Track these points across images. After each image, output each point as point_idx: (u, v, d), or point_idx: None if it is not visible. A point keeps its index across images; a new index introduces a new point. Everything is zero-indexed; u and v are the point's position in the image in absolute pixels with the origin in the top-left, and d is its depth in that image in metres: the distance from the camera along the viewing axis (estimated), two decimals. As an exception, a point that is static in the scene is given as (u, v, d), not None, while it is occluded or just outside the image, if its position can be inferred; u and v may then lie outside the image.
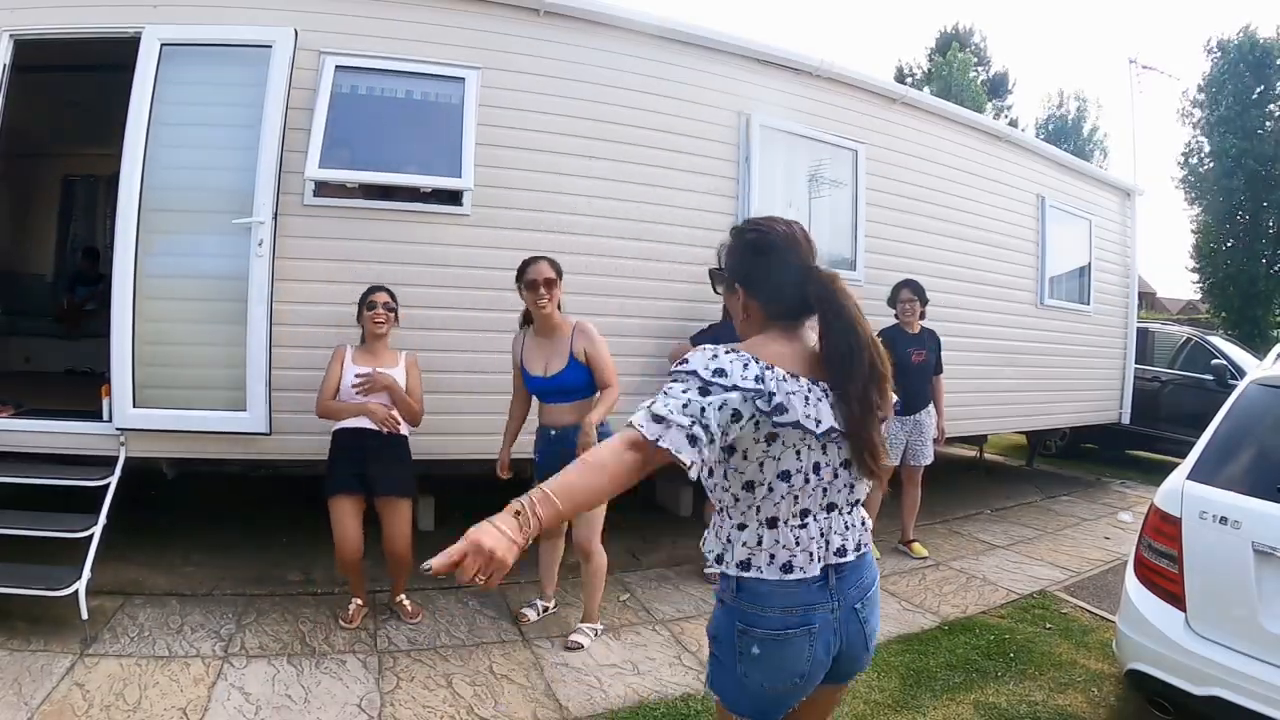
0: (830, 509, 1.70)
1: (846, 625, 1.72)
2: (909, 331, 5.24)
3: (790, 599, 1.65)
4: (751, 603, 1.66)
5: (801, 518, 1.66)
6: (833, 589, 1.69)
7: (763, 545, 1.66)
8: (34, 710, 2.83)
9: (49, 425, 3.95)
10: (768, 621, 1.65)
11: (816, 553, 1.67)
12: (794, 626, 1.65)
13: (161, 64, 3.95)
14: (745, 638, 1.66)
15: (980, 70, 30.42)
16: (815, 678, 1.71)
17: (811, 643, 1.66)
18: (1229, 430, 3.00)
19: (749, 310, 1.77)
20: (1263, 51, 18.12)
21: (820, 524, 1.69)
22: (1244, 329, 17.64)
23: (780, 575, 1.65)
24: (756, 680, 1.68)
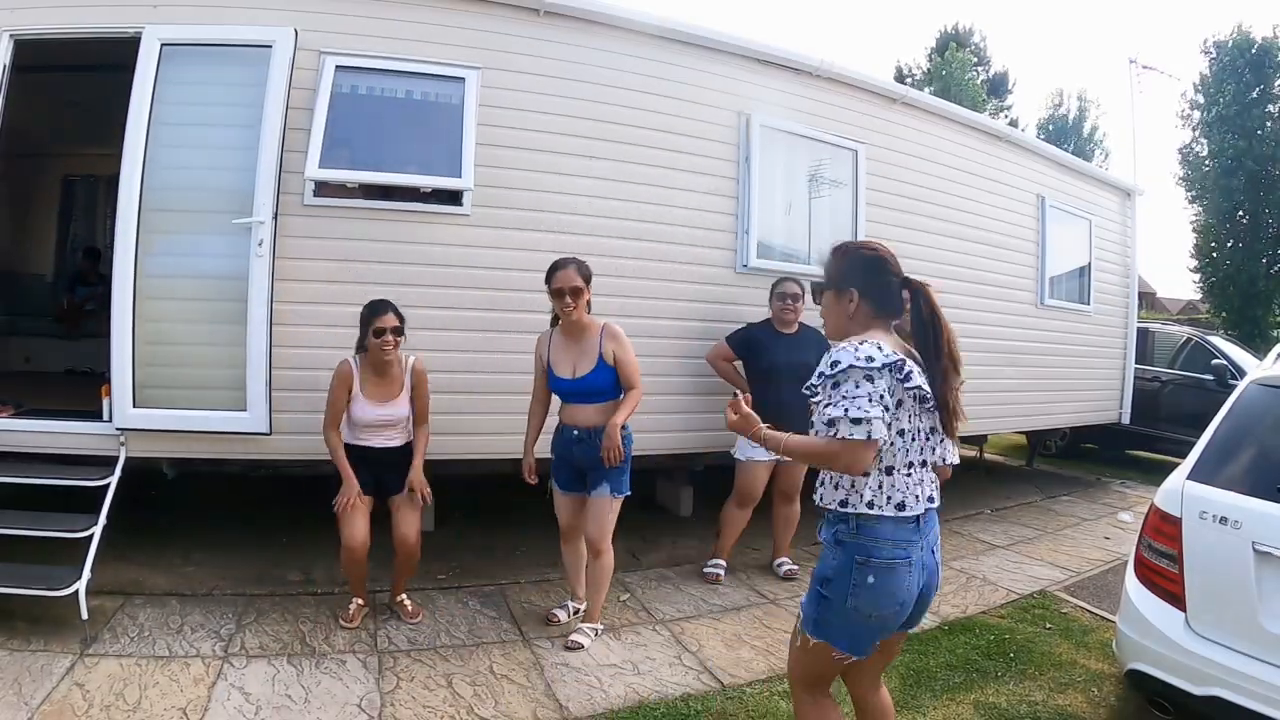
0: (924, 464, 2.14)
1: (929, 564, 2.18)
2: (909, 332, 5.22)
3: (898, 534, 2.07)
4: (870, 535, 2.06)
5: (908, 469, 2.09)
6: (922, 530, 2.13)
7: (883, 489, 2.07)
8: (34, 710, 2.83)
9: (49, 425, 3.95)
10: (882, 552, 2.05)
11: (920, 496, 2.11)
12: (900, 558, 2.06)
13: (161, 64, 3.95)
14: (862, 569, 2.05)
15: (980, 70, 30.42)
16: (909, 609, 2.13)
17: (910, 573, 2.08)
18: (1229, 430, 3.00)
19: (858, 312, 2.19)
20: (1261, 51, 18.12)
21: (920, 473, 2.12)
22: (1244, 329, 17.64)
23: (895, 512, 2.06)
24: (865, 610, 2.06)
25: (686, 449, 5.10)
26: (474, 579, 4.44)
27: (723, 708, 3.21)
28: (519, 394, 4.01)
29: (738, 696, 3.30)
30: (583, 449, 3.65)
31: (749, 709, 3.20)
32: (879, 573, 2.05)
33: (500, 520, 5.39)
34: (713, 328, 4.87)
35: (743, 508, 4.69)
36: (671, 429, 4.93)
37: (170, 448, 4.04)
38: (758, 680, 3.46)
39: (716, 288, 5.11)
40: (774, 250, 5.44)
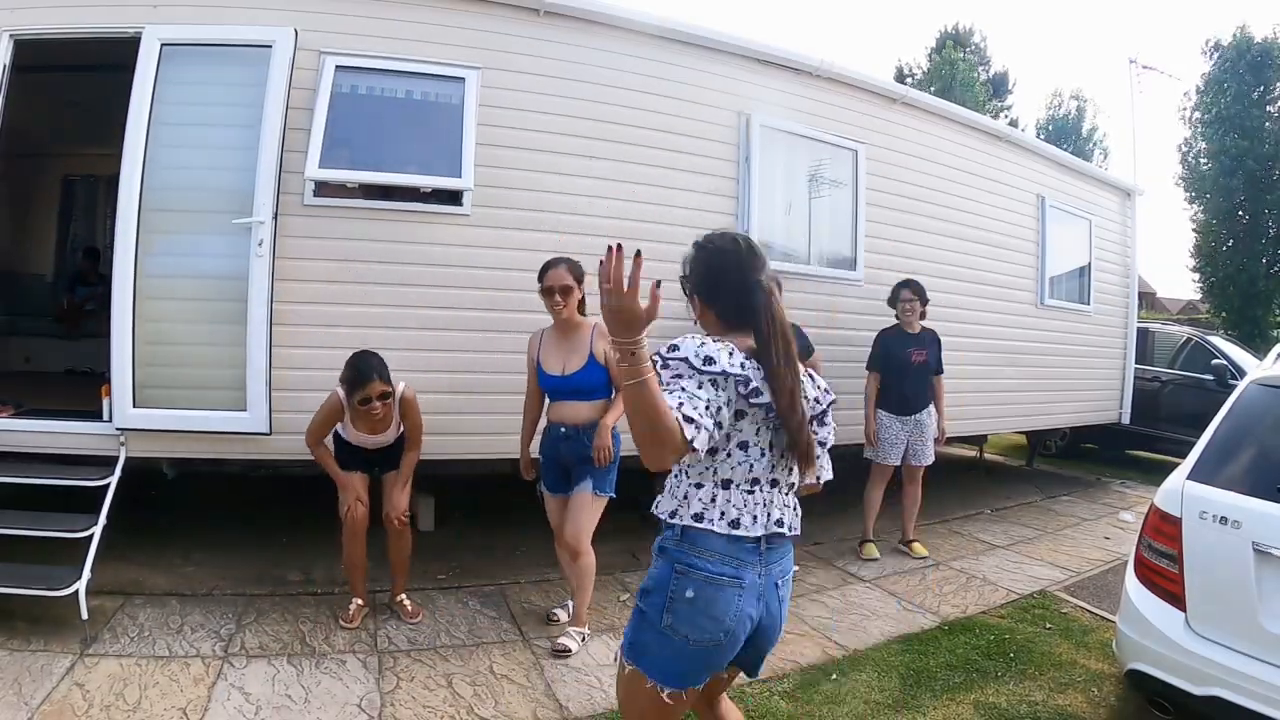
0: (774, 484, 1.89)
1: (768, 596, 1.87)
2: (909, 332, 5.24)
3: (730, 549, 1.81)
4: (695, 545, 1.82)
5: (751, 485, 1.85)
6: (763, 555, 1.85)
7: (715, 503, 1.83)
8: (34, 710, 2.83)
9: (49, 425, 3.95)
10: (706, 565, 1.80)
11: (762, 517, 1.84)
12: (728, 575, 1.80)
13: (161, 64, 3.95)
14: (681, 580, 1.80)
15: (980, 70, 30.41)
16: (736, 641, 1.82)
17: (740, 597, 1.80)
18: (1229, 430, 3.00)
19: (705, 317, 2.03)
20: (1261, 51, 18.12)
21: (767, 493, 1.87)
22: (1244, 329, 17.63)
23: (728, 530, 1.81)
24: (682, 630, 1.78)
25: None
26: (474, 579, 4.44)
27: (723, 708, 3.20)
28: (519, 394, 4.00)
29: (738, 696, 3.29)
30: (570, 446, 3.62)
31: (748, 708, 3.19)
32: (700, 587, 1.78)
33: (500, 520, 5.40)
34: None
35: None
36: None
37: (170, 448, 4.04)
38: (758, 679, 3.46)
39: (716, 288, 5.09)
40: (774, 250, 5.43)
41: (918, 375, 5.24)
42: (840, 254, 5.87)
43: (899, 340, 5.22)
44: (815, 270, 5.69)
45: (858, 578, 4.91)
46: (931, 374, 5.34)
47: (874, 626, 4.15)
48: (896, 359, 5.20)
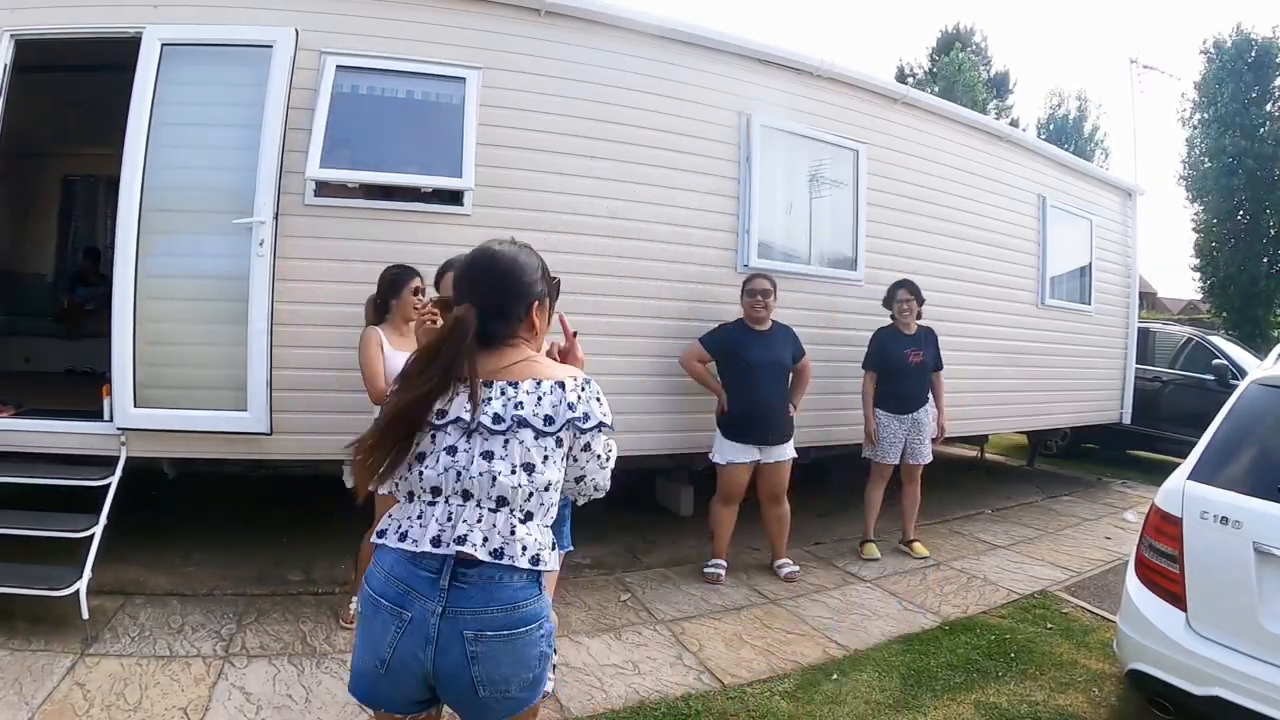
0: (466, 497, 1.62)
1: (447, 645, 1.57)
2: (905, 333, 5.24)
3: (398, 569, 1.61)
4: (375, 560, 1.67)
5: (433, 495, 1.64)
6: (444, 589, 1.58)
7: (393, 515, 1.68)
8: (35, 710, 2.83)
9: (50, 425, 3.95)
10: (372, 579, 1.64)
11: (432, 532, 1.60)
12: (389, 598, 1.60)
13: (162, 64, 3.95)
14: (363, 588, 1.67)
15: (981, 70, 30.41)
16: (406, 677, 1.60)
17: (399, 628, 1.58)
18: (1230, 430, 3.00)
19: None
20: (1261, 51, 18.11)
21: (450, 508, 1.62)
22: (1245, 329, 17.63)
23: (398, 544, 1.62)
24: (358, 648, 1.67)
25: (687, 449, 5.10)
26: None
27: (723, 707, 3.20)
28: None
29: (738, 696, 3.30)
30: None
31: (749, 709, 3.20)
32: (364, 603, 1.65)
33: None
34: (712, 328, 4.87)
35: (727, 505, 4.71)
36: (672, 429, 4.94)
37: (171, 448, 4.04)
38: (758, 680, 3.46)
39: (717, 288, 5.10)
40: (775, 250, 5.44)
41: (916, 375, 5.24)
42: (841, 254, 5.87)
43: (896, 340, 5.22)
44: (816, 270, 5.69)
45: (858, 578, 4.91)
46: (929, 374, 5.33)
47: (874, 626, 4.15)
48: (894, 359, 5.20)
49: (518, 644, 1.60)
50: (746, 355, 4.60)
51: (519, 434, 1.62)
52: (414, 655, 1.57)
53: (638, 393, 4.75)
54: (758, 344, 4.63)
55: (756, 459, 4.64)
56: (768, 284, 4.68)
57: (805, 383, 4.96)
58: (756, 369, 4.58)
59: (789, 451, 4.73)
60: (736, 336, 4.67)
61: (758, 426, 4.60)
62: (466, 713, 1.66)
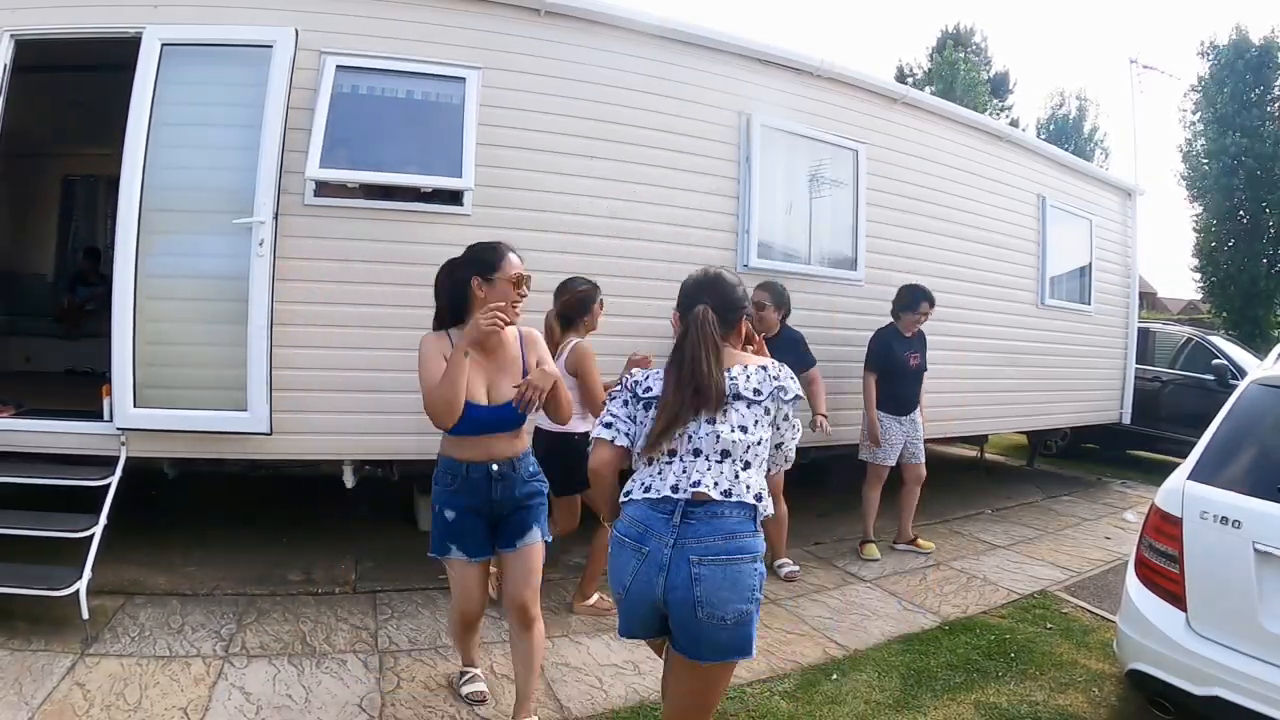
0: (696, 454, 2.09)
1: (675, 570, 2.00)
2: (905, 335, 5.25)
3: (640, 514, 2.09)
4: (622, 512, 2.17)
5: (669, 456, 2.11)
6: (676, 525, 2.03)
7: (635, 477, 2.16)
8: (35, 710, 2.83)
9: (50, 425, 3.95)
10: (619, 525, 2.14)
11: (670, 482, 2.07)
12: (631, 537, 2.08)
13: (162, 64, 3.95)
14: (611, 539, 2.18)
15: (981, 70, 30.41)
16: (642, 602, 2.07)
17: (639, 561, 2.04)
18: (1230, 430, 3.00)
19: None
20: (1260, 51, 18.11)
21: (685, 464, 2.09)
22: (1245, 329, 17.64)
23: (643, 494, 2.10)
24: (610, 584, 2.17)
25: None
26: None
27: (723, 707, 3.19)
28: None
29: (738, 696, 3.30)
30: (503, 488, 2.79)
31: (750, 709, 3.20)
32: (613, 543, 2.18)
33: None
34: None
35: None
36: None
37: (171, 448, 4.04)
38: (758, 680, 3.46)
39: (717, 287, 5.09)
40: (774, 250, 5.44)
41: (914, 377, 5.27)
42: (841, 254, 5.87)
43: (896, 342, 5.23)
44: (816, 270, 5.69)
45: (858, 578, 4.91)
46: (922, 374, 5.36)
47: (874, 626, 4.14)
48: (894, 361, 5.20)
49: (734, 570, 2.01)
50: None
51: (735, 405, 2.10)
52: (649, 582, 2.01)
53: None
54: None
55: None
56: (762, 297, 4.64)
57: (818, 395, 4.84)
58: None
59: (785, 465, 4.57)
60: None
61: None
62: (689, 639, 2.05)
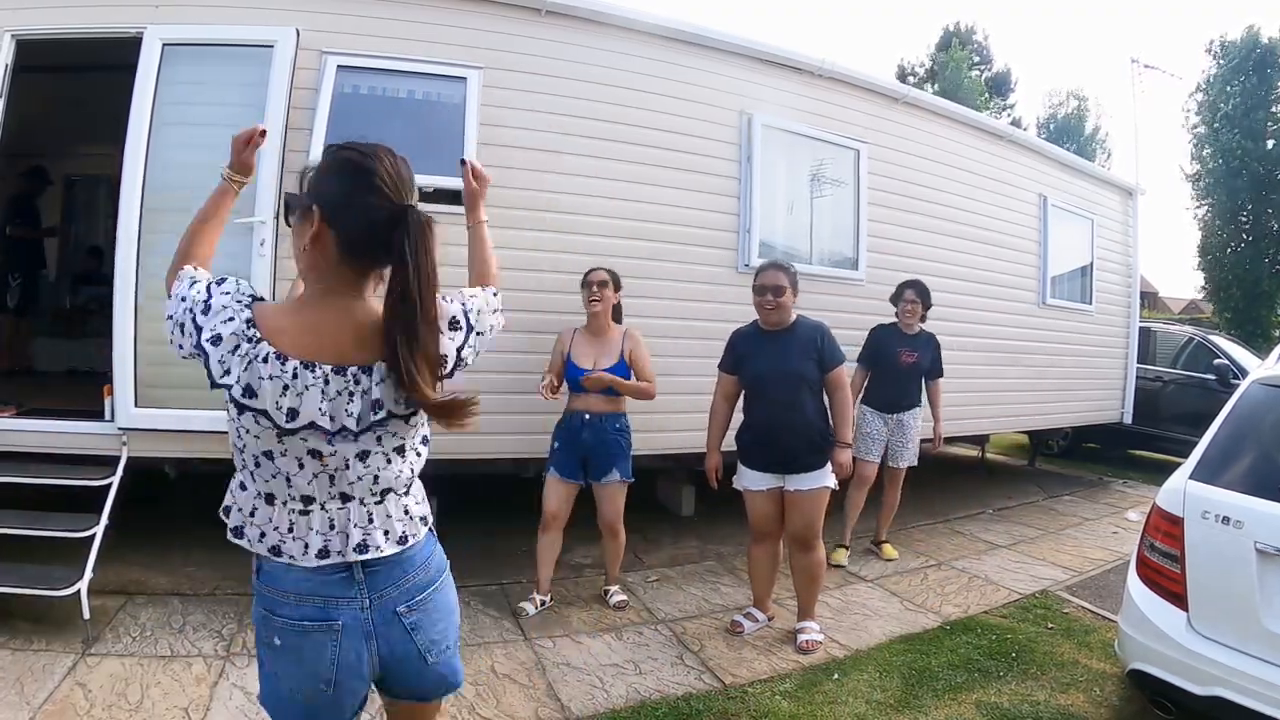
0: (345, 499, 1.53)
1: (388, 630, 1.56)
2: (905, 332, 5.18)
3: (306, 585, 1.50)
4: (271, 585, 1.52)
5: (305, 504, 1.51)
6: (360, 584, 1.53)
7: (255, 518, 1.53)
8: (36, 710, 2.83)
9: (51, 425, 3.96)
10: (281, 608, 1.50)
11: (315, 544, 1.50)
12: (312, 619, 1.49)
13: (163, 64, 3.96)
14: (267, 626, 1.52)
15: (983, 69, 30.41)
16: (350, 686, 1.54)
17: (335, 643, 1.50)
18: (1231, 430, 3.00)
19: (320, 242, 1.50)
20: (1266, 51, 18.10)
21: (331, 514, 1.52)
22: (1246, 329, 17.63)
23: (269, 555, 1.51)
24: (285, 683, 1.53)
25: (688, 449, 5.09)
26: (475, 579, 4.44)
27: (724, 707, 3.20)
28: (522, 394, 4.02)
29: (739, 696, 3.30)
30: (592, 433, 3.97)
31: (751, 709, 3.20)
32: (284, 635, 1.51)
33: (501, 520, 5.39)
34: (714, 327, 4.85)
35: (757, 543, 3.98)
36: (673, 428, 4.93)
37: (172, 448, 4.04)
38: (759, 680, 3.46)
39: (718, 287, 5.10)
40: (776, 250, 5.43)
41: (905, 376, 5.16)
42: (842, 254, 5.87)
43: (892, 338, 5.16)
44: (817, 270, 5.69)
45: (859, 577, 4.90)
46: (921, 375, 5.24)
47: (875, 626, 4.14)
48: (885, 357, 5.14)
49: (442, 595, 1.68)
50: (752, 364, 3.85)
51: None
52: (358, 657, 1.53)
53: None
54: (767, 350, 3.81)
55: (779, 486, 3.81)
56: (780, 278, 3.75)
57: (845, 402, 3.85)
58: (761, 381, 3.81)
59: (816, 480, 3.75)
60: (743, 342, 3.94)
61: (768, 451, 3.79)
62: (418, 691, 1.67)
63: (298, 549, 1.50)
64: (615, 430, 4.03)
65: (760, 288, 3.78)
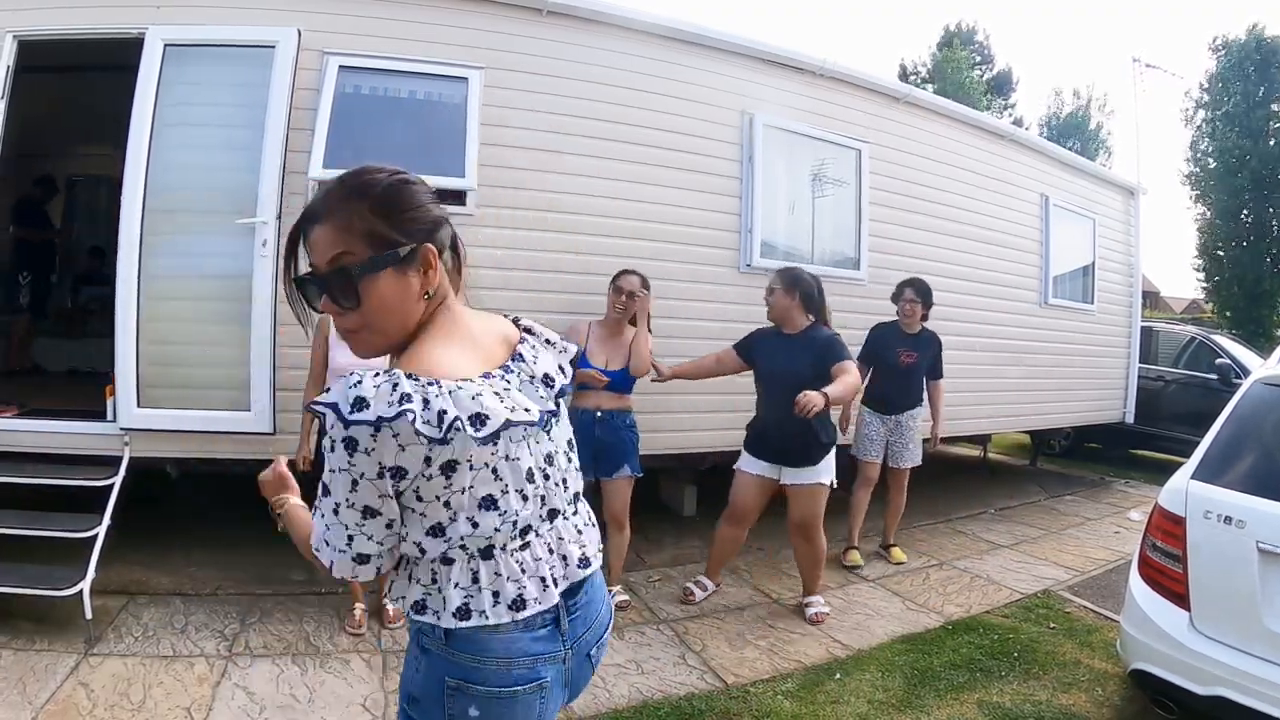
0: (553, 515, 1.39)
1: (580, 673, 1.44)
2: (906, 331, 5.13)
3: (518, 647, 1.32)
4: (472, 653, 1.30)
5: (523, 537, 1.33)
6: (565, 632, 1.37)
7: (480, 583, 1.29)
8: (38, 710, 2.84)
9: (53, 425, 3.96)
10: (489, 676, 1.30)
11: (552, 574, 1.35)
12: (523, 684, 1.32)
13: (165, 65, 3.96)
14: (458, 698, 1.31)
15: (984, 69, 30.40)
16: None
17: (543, 700, 1.35)
18: (1233, 430, 3.00)
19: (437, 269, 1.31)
20: (1268, 50, 18.09)
21: (548, 538, 1.37)
22: (1248, 328, 17.64)
23: (512, 615, 1.30)
24: None
25: (691, 448, 5.11)
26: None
27: (726, 707, 3.20)
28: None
29: (741, 696, 3.30)
30: (604, 428, 4.04)
31: (753, 709, 3.20)
32: (486, 705, 1.31)
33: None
34: (715, 327, 4.87)
35: (729, 523, 4.23)
36: (676, 428, 4.93)
37: (174, 448, 4.05)
38: (761, 680, 3.46)
39: (720, 287, 5.10)
40: (777, 250, 5.44)
41: (904, 376, 5.10)
42: (843, 254, 5.86)
43: (891, 337, 5.11)
44: (818, 270, 5.61)
45: (861, 577, 4.90)
46: (921, 376, 5.20)
47: (878, 626, 4.14)
48: (883, 356, 5.10)
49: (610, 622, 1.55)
50: (765, 362, 4.10)
51: None
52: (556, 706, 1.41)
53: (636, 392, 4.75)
54: (775, 351, 4.07)
55: (774, 478, 4.08)
56: (772, 280, 4.16)
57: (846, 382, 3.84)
58: (767, 380, 4.09)
59: (813, 476, 4.01)
60: (762, 338, 4.18)
61: (768, 443, 4.06)
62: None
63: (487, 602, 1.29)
64: (626, 426, 4.11)
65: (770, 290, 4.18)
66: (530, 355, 1.40)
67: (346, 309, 1.25)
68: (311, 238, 1.27)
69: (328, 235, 1.25)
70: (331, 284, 1.24)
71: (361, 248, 1.23)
